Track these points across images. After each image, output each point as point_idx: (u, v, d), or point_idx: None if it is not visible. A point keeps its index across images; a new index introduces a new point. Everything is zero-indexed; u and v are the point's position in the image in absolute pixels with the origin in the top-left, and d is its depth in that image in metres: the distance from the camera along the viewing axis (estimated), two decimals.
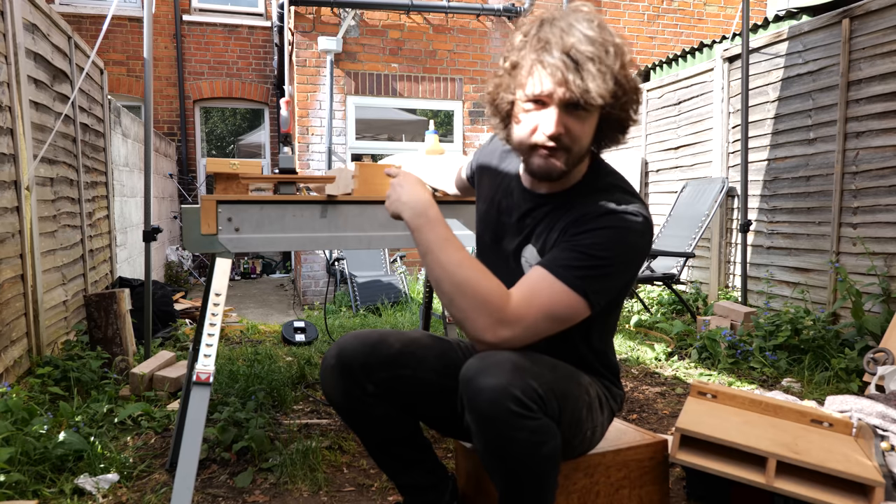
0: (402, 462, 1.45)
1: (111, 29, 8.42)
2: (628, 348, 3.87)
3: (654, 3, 7.32)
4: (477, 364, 1.14)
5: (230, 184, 1.77)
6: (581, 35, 1.12)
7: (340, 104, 6.29)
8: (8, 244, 2.78)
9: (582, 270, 1.17)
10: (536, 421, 1.11)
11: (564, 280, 1.16)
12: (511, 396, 1.09)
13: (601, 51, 1.11)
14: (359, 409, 1.38)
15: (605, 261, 1.17)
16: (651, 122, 5.66)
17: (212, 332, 1.64)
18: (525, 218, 1.34)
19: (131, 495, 1.91)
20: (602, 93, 1.11)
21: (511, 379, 1.09)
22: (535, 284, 1.17)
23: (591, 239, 1.18)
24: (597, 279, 1.17)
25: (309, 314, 5.48)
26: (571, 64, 1.10)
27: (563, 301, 1.16)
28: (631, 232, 1.19)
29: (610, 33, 1.15)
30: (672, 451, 1.67)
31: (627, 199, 1.23)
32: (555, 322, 1.17)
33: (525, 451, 1.12)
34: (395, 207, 1.33)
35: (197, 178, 9.14)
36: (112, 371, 3.03)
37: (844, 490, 1.53)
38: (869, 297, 3.34)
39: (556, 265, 1.18)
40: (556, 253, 1.21)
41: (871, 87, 3.43)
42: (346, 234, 1.87)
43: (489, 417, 1.10)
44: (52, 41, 3.44)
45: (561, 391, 1.19)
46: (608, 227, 1.19)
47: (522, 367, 1.12)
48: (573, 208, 1.26)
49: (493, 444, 1.12)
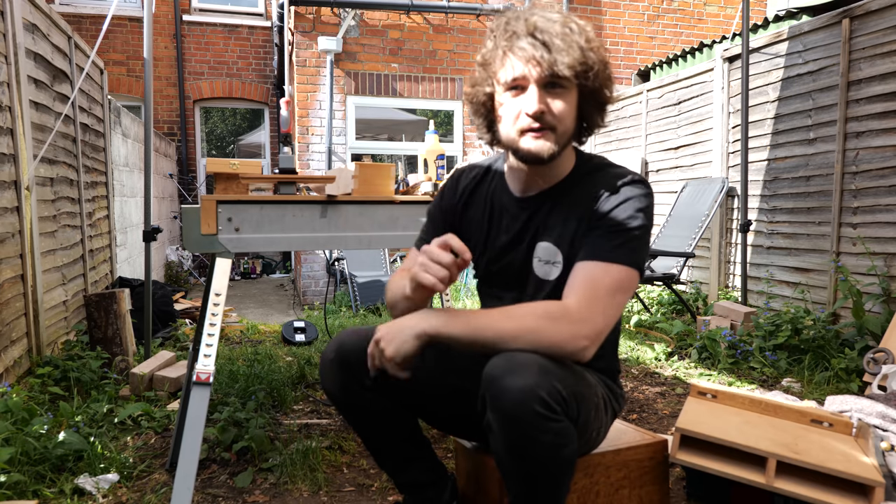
0: (400, 459, 1.45)
1: (111, 29, 8.42)
2: (628, 348, 3.87)
3: (654, 3, 7.32)
4: (503, 363, 1.13)
5: (230, 184, 1.77)
6: (543, 18, 1.20)
7: (340, 104, 6.29)
8: (8, 244, 2.78)
9: (626, 246, 1.23)
10: (560, 423, 1.12)
11: (617, 261, 1.22)
12: (537, 398, 1.08)
13: (564, 28, 1.19)
14: (357, 404, 1.37)
15: (640, 229, 1.24)
16: (651, 122, 5.66)
17: (212, 332, 1.64)
18: (528, 223, 1.35)
19: (131, 495, 1.91)
20: (571, 63, 1.17)
21: (538, 380, 1.09)
22: (591, 277, 1.21)
23: (621, 215, 1.24)
24: (639, 248, 1.24)
25: (309, 314, 5.48)
26: (539, 43, 1.17)
27: (623, 279, 1.21)
28: (645, 195, 1.27)
29: (572, 17, 1.23)
30: (672, 451, 1.67)
31: (622, 169, 1.32)
32: (620, 297, 1.22)
33: (547, 454, 1.12)
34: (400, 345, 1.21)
35: (197, 178, 9.14)
36: (112, 371, 3.03)
37: (844, 490, 1.53)
38: (869, 296, 3.34)
39: (602, 251, 1.23)
40: (594, 241, 1.24)
41: (871, 87, 3.43)
42: (346, 234, 1.87)
43: (514, 418, 1.09)
44: (52, 41, 3.44)
45: (580, 393, 1.20)
46: (629, 199, 1.25)
47: (548, 368, 1.12)
48: (576, 194, 1.30)
49: (515, 444, 1.12)
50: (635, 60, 7.34)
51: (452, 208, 1.47)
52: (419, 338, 1.18)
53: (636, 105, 5.86)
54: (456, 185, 1.48)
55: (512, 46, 1.20)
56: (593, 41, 1.22)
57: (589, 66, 1.20)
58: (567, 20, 1.21)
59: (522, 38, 1.19)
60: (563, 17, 1.22)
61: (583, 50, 1.19)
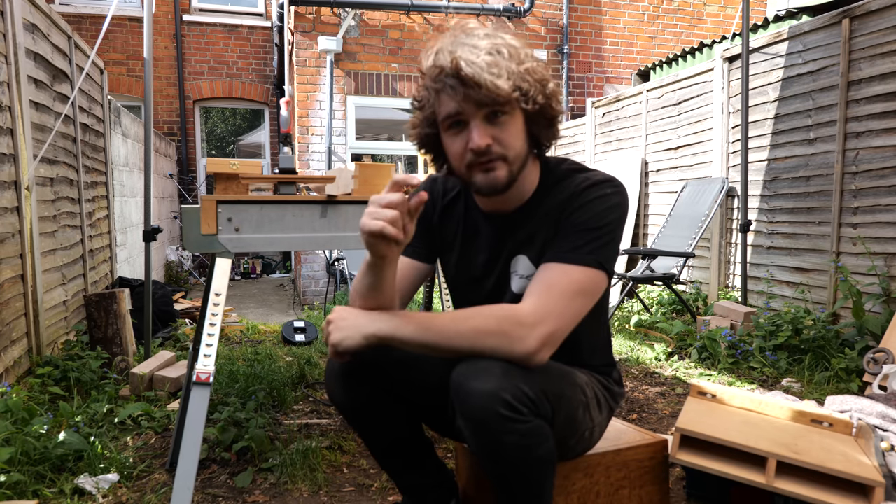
0: (403, 462, 1.45)
1: (111, 29, 8.42)
2: (628, 348, 3.87)
3: (654, 3, 7.32)
4: (466, 368, 1.14)
5: (230, 184, 1.77)
6: (469, 48, 1.14)
7: (340, 104, 6.29)
8: (8, 244, 2.78)
9: (588, 245, 1.20)
10: (527, 424, 1.12)
11: (577, 262, 1.19)
12: (500, 400, 1.09)
13: (492, 56, 1.13)
14: (361, 409, 1.37)
15: (606, 228, 1.21)
16: (651, 122, 5.66)
17: (212, 332, 1.64)
18: (503, 242, 1.34)
19: (131, 495, 1.91)
20: (506, 92, 1.13)
21: (501, 383, 1.10)
22: (548, 278, 1.19)
23: (585, 215, 1.22)
24: (604, 247, 1.21)
25: (309, 314, 5.48)
26: (468, 78, 1.12)
27: (583, 280, 1.19)
28: (614, 195, 1.24)
29: (500, 36, 1.18)
30: (672, 451, 1.67)
31: (591, 172, 1.28)
32: (581, 300, 1.19)
33: (516, 455, 1.12)
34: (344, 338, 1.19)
35: (197, 178, 9.14)
36: (112, 371, 3.03)
37: (844, 490, 1.53)
38: (869, 297, 3.34)
39: (562, 252, 1.21)
40: (557, 244, 1.23)
41: (871, 87, 3.43)
42: (346, 234, 1.87)
43: (479, 421, 1.11)
44: (52, 41, 3.44)
45: (554, 392, 1.20)
46: (594, 199, 1.23)
47: (510, 370, 1.12)
48: (547, 205, 1.28)
49: (484, 447, 1.13)
50: (635, 60, 7.34)
51: (429, 218, 1.43)
52: (367, 339, 1.17)
53: (636, 105, 5.86)
54: (434, 197, 1.44)
55: (443, 87, 1.16)
56: (526, 61, 1.17)
57: (525, 88, 1.16)
58: (494, 44, 1.15)
59: (451, 77, 1.14)
60: (491, 41, 1.16)
61: (516, 74, 1.14)
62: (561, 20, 7.02)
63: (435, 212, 1.43)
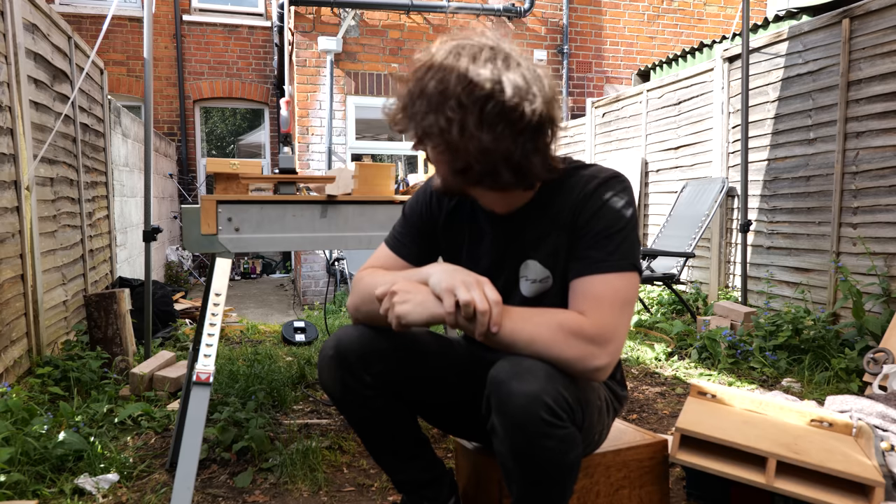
0: (399, 457, 1.45)
1: (111, 29, 8.42)
2: (628, 348, 3.87)
3: (654, 3, 7.33)
4: (509, 367, 1.12)
5: (230, 184, 1.77)
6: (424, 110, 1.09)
7: (340, 104, 6.29)
8: (8, 244, 2.78)
9: (617, 251, 1.19)
10: (565, 430, 1.11)
11: (612, 269, 1.18)
12: (543, 404, 1.08)
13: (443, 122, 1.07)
14: (356, 402, 1.36)
15: (626, 228, 1.21)
16: (651, 122, 5.66)
17: (212, 332, 1.64)
18: (510, 243, 1.33)
19: (131, 495, 1.91)
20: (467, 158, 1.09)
21: (544, 386, 1.08)
22: (593, 292, 1.18)
23: (604, 221, 1.21)
24: (630, 247, 1.21)
25: (309, 314, 5.48)
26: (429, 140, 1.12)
27: (623, 286, 1.18)
28: (623, 191, 1.24)
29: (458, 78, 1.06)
30: (672, 451, 1.67)
31: (593, 168, 1.28)
32: (629, 308, 1.19)
33: (551, 459, 1.11)
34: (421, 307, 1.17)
35: (197, 178, 9.14)
36: (112, 371, 3.03)
37: (844, 490, 1.53)
38: (869, 297, 3.34)
39: (596, 263, 1.19)
40: (586, 254, 1.21)
41: (871, 87, 3.43)
42: (346, 234, 1.87)
43: (519, 424, 1.09)
44: (52, 41, 3.44)
45: (585, 398, 1.20)
46: (608, 200, 1.22)
47: (554, 374, 1.11)
48: (555, 204, 1.27)
49: (520, 449, 1.11)
50: (635, 60, 7.34)
51: (434, 222, 1.42)
52: (434, 318, 1.15)
53: (636, 105, 5.86)
54: (440, 199, 1.41)
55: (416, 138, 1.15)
56: (488, 108, 1.05)
57: (487, 145, 1.08)
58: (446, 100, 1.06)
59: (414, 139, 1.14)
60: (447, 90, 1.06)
61: (471, 133, 1.07)
62: (561, 20, 7.02)
63: (441, 213, 1.41)
